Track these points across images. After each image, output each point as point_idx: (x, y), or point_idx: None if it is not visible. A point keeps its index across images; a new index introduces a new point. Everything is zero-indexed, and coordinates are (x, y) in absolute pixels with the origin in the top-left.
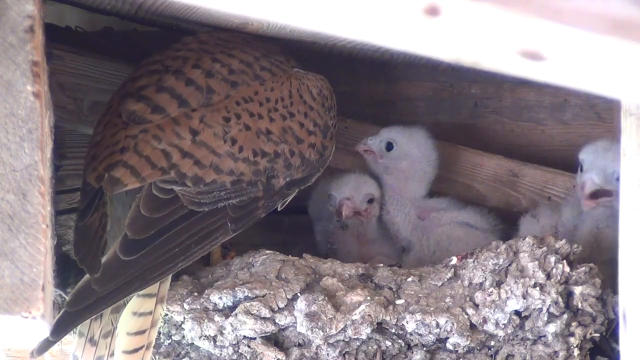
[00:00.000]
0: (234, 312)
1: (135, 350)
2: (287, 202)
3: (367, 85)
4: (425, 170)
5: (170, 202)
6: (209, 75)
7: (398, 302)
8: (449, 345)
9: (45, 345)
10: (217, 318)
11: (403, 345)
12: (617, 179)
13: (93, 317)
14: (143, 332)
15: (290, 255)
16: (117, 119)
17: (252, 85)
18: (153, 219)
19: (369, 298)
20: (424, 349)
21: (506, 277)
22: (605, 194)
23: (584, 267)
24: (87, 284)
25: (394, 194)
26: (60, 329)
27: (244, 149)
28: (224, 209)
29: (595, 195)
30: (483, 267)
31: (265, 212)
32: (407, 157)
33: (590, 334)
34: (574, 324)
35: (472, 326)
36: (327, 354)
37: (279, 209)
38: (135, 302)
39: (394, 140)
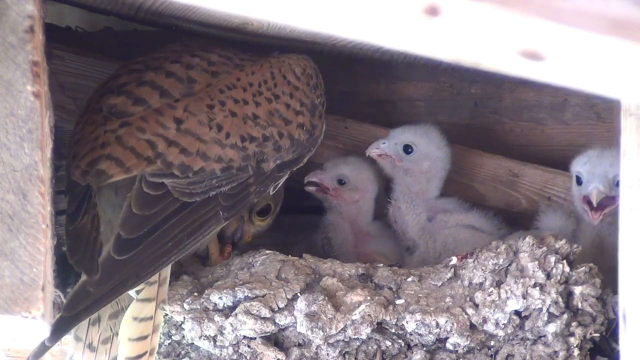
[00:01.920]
0: (234, 312)
1: (139, 357)
2: (278, 185)
3: (367, 85)
4: (445, 168)
5: (161, 198)
6: (188, 68)
7: (398, 302)
8: (449, 345)
9: (42, 350)
10: (217, 318)
11: (403, 345)
12: (617, 184)
13: (91, 323)
14: (145, 337)
15: (290, 255)
16: (96, 116)
17: (233, 73)
18: (145, 217)
19: (369, 298)
20: (424, 349)
21: (506, 277)
22: (609, 202)
23: (584, 267)
24: (82, 287)
25: (408, 193)
26: (57, 334)
27: (231, 135)
28: (216, 198)
29: (601, 205)
30: (483, 267)
31: (257, 197)
32: (428, 157)
33: (590, 334)
34: (574, 324)
35: (472, 326)
36: (327, 354)
37: (271, 193)
38: (135, 307)
39: (412, 142)
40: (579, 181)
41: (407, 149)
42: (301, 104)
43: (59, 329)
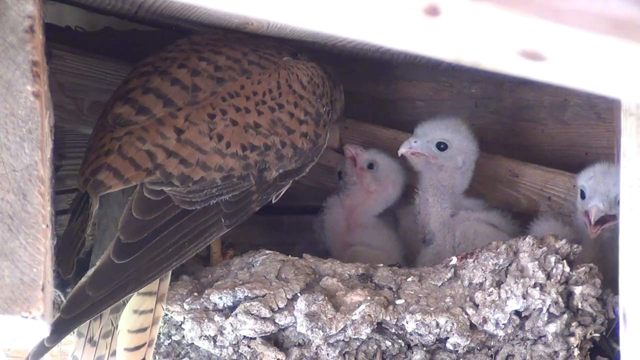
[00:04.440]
0: (234, 312)
1: (137, 348)
2: (281, 194)
3: (367, 85)
4: (476, 160)
5: (162, 204)
6: (194, 74)
7: (398, 302)
8: (449, 345)
9: (41, 351)
10: (217, 318)
11: (403, 345)
12: (619, 203)
13: (93, 318)
14: (144, 329)
15: (290, 255)
16: (106, 122)
17: (239, 80)
18: (145, 222)
19: (369, 298)
20: (424, 349)
21: (506, 277)
22: (610, 218)
23: (584, 267)
24: (81, 289)
25: (438, 186)
26: (56, 335)
27: (231, 145)
28: (217, 205)
29: (600, 220)
30: (483, 267)
31: (259, 205)
32: (462, 152)
33: (591, 334)
34: (574, 324)
35: (472, 326)
36: (327, 354)
37: (273, 201)
38: (135, 301)
39: (445, 139)
40: (582, 195)
41: (440, 145)
42: (305, 113)
43: (58, 331)
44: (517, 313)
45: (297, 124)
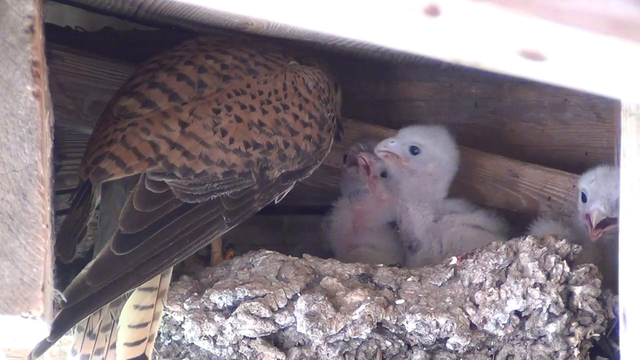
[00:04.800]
0: (234, 312)
1: (137, 343)
2: (284, 195)
3: (367, 85)
4: (451, 171)
5: (163, 197)
6: (201, 71)
7: (398, 302)
8: (449, 345)
9: (43, 347)
10: (217, 318)
11: (403, 345)
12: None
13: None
14: (145, 324)
15: (290, 255)
16: (109, 115)
17: (245, 78)
18: (146, 214)
19: (369, 298)
20: (424, 349)
21: (506, 277)
22: (611, 221)
23: (584, 267)
24: (81, 281)
25: (416, 194)
26: (57, 329)
27: (234, 140)
28: (219, 202)
29: (602, 224)
30: (483, 267)
31: (261, 205)
32: (433, 159)
33: (590, 334)
34: (574, 324)
35: (472, 326)
36: (327, 354)
37: (276, 202)
38: (136, 296)
39: (418, 143)
40: (584, 198)
41: (414, 149)
42: (310, 116)
43: (60, 324)
44: (517, 313)
45: (301, 126)
